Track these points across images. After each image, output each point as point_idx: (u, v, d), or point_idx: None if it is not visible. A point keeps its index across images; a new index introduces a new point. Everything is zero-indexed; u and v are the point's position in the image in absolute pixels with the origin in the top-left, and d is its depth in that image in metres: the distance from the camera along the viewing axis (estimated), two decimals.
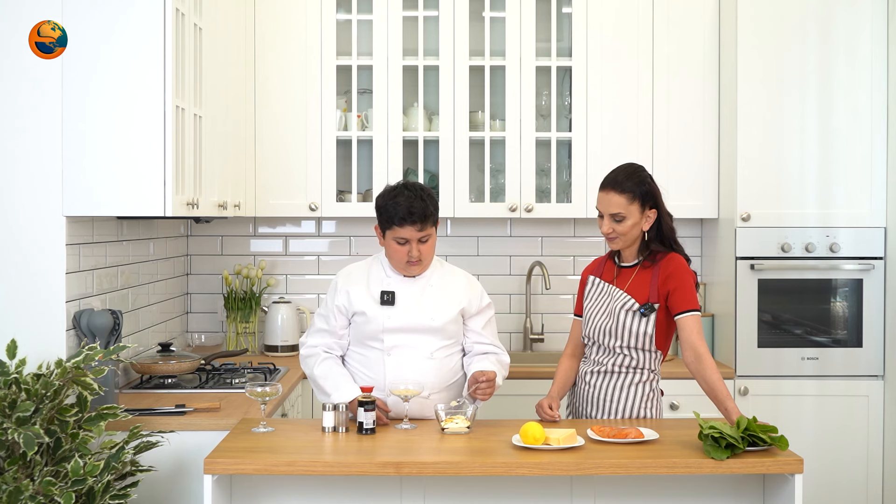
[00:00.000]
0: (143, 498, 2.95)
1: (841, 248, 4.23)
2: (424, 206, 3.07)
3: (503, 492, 2.80)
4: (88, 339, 3.13)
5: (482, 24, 4.48)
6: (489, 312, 3.29)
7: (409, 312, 3.16)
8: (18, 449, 2.60)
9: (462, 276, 3.30)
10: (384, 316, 3.14)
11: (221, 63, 3.77)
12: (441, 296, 3.19)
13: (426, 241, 3.12)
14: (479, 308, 3.26)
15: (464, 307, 3.21)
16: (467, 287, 3.26)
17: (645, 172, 3.13)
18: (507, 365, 3.28)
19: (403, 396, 2.95)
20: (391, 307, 3.16)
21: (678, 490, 2.81)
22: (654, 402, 3.15)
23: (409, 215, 3.05)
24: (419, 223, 3.07)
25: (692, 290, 3.06)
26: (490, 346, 3.27)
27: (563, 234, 4.75)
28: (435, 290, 3.20)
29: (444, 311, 3.17)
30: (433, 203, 3.12)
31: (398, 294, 3.17)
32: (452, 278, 3.26)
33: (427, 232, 3.10)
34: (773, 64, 4.21)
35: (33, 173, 3.03)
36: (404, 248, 3.11)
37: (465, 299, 3.22)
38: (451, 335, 3.20)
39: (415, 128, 4.46)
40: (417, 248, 3.10)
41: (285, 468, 2.63)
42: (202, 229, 4.68)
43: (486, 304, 3.28)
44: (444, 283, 3.22)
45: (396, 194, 3.10)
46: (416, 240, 3.09)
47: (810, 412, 4.22)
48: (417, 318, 3.15)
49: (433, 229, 3.13)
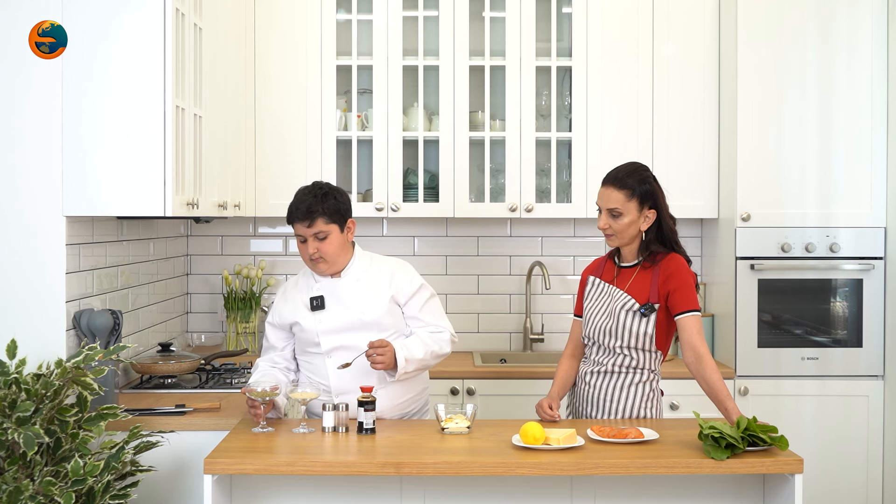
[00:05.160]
0: (143, 498, 2.95)
1: (841, 248, 4.23)
2: (311, 203, 3.10)
3: (503, 492, 2.80)
4: (88, 339, 3.13)
5: (482, 24, 4.48)
6: (423, 294, 3.25)
7: (339, 312, 3.18)
8: (18, 449, 2.60)
9: (390, 264, 3.28)
10: (316, 321, 3.18)
11: (221, 63, 3.77)
12: (367, 290, 3.20)
13: (323, 238, 3.13)
14: (412, 292, 3.23)
15: (392, 295, 3.20)
16: (393, 275, 3.23)
17: (648, 172, 3.13)
18: (445, 340, 3.23)
19: (301, 400, 2.97)
20: (322, 311, 3.18)
21: (678, 490, 2.81)
22: (654, 402, 3.15)
23: (295, 211, 3.12)
24: (307, 220, 3.10)
25: (692, 291, 3.06)
26: (432, 326, 3.24)
27: (563, 234, 4.75)
28: (362, 284, 3.21)
29: (373, 305, 3.17)
30: (328, 202, 3.12)
31: (327, 297, 3.19)
32: (378, 270, 3.25)
33: (318, 229, 3.11)
34: (774, 64, 4.21)
35: (33, 173, 3.03)
36: (305, 245, 3.15)
37: (393, 287, 3.21)
38: (389, 327, 3.19)
39: (415, 128, 4.46)
40: (315, 246, 3.13)
41: (285, 468, 2.64)
42: (202, 229, 4.68)
43: (417, 286, 3.24)
44: (370, 277, 3.23)
45: (297, 193, 3.17)
46: (311, 236, 3.12)
47: (810, 412, 4.22)
48: (348, 316, 3.16)
49: (330, 227, 3.12)
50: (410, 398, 3.27)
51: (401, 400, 3.23)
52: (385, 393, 3.18)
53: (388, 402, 3.19)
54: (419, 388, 3.32)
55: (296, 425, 2.97)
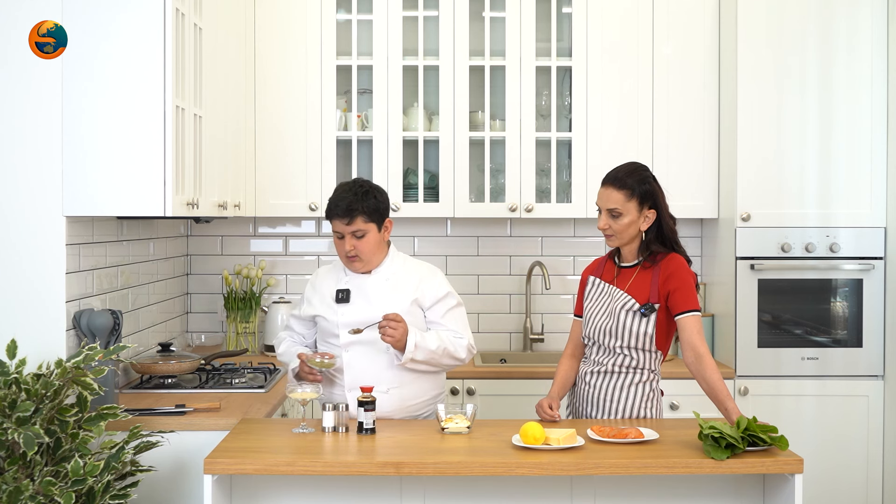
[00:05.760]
0: (143, 498, 2.95)
1: (841, 248, 4.23)
2: (351, 201, 3.12)
3: (503, 492, 2.80)
4: (88, 339, 3.13)
5: (482, 24, 4.48)
6: (449, 301, 3.25)
7: (361, 308, 3.20)
8: (18, 449, 2.60)
9: (421, 269, 3.29)
10: (338, 313, 3.21)
11: (221, 63, 3.77)
12: (393, 290, 3.21)
13: (361, 236, 3.15)
14: (437, 297, 3.23)
15: (417, 298, 3.20)
16: (422, 279, 3.24)
17: (648, 172, 3.13)
18: (462, 346, 3.21)
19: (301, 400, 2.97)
20: (345, 305, 3.21)
21: (678, 490, 2.81)
22: (654, 402, 3.15)
23: (335, 208, 3.14)
24: (346, 217, 3.12)
25: (692, 291, 3.06)
26: (453, 332, 3.23)
27: (563, 234, 4.75)
28: (389, 284, 3.22)
29: (395, 305, 3.18)
30: (368, 201, 3.14)
31: (353, 292, 3.22)
32: (408, 272, 3.26)
33: (357, 227, 3.13)
34: (774, 64, 4.21)
35: (33, 173, 3.03)
36: (342, 242, 3.18)
37: (418, 291, 3.21)
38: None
39: (415, 128, 4.46)
40: (351, 243, 3.15)
41: (285, 468, 2.64)
42: (202, 229, 4.68)
43: (444, 292, 3.24)
44: (399, 277, 3.24)
45: (337, 188, 3.20)
46: (349, 234, 3.14)
47: (810, 412, 4.22)
48: (369, 313, 3.17)
49: (368, 226, 3.15)
50: (423, 401, 3.26)
51: (413, 402, 3.22)
52: (398, 393, 3.18)
53: (400, 404, 3.19)
54: (434, 393, 3.30)
55: (296, 425, 2.97)
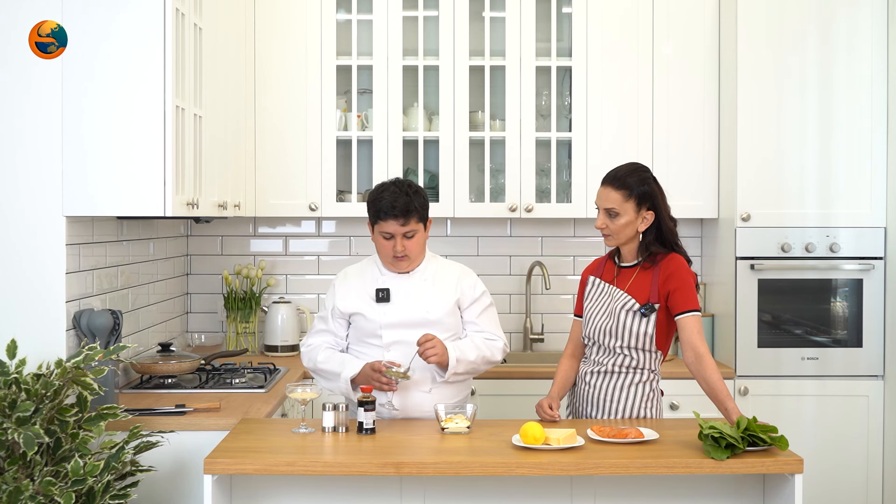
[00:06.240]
0: (143, 498, 2.95)
1: (841, 248, 4.23)
2: (408, 202, 3.11)
3: (503, 492, 2.80)
4: (88, 339, 3.13)
5: (482, 24, 4.48)
6: (484, 301, 3.29)
7: (405, 307, 3.19)
8: (18, 449, 2.60)
9: (455, 268, 3.32)
10: (380, 313, 3.19)
11: (221, 63, 3.77)
12: (435, 289, 3.23)
13: (411, 236, 3.15)
14: (473, 298, 3.27)
15: (458, 298, 3.24)
16: (460, 278, 3.28)
17: (648, 173, 3.12)
18: (498, 348, 3.25)
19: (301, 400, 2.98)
20: (387, 304, 3.20)
21: (678, 490, 2.81)
22: (654, 402, 3.15)
23: (392, 209, 3.11)
24: (402, 217, 3.11)
25: (692, 291, 3.06)
26: (487, 333, 3.27)
27: (563, 234, 4.75)
28: (429, 283, 3.23)
29: (439, 304, 3.20)
30: (419, 199, 3.15)
31: (393, 290, 3.21)
32: (446, 272, 3.28)
33: (411, 227, 3.14)
34: (774, 64, 4.21)
35: (33, 173, 3.03)
36: (390, 242, 3.16)
37: (459, 291, 3.25)
38: (449, 328, 3.21)
39: (415, 128, 4.46)
40: (402, 243, 3.15)
41: (285, 468, 2.64)
42: (202, 229, 4.68)
43: (480, 292, 3.29)
44: (438, 277, 3.25)
45: (383, 189, 3.16)
46: (401, 234, 3.14)
47: (810, 412, 4.22)
48: (414, 313, 3.18)
49: (419, 225, 3.16)
50: (460, 400, 3.25)
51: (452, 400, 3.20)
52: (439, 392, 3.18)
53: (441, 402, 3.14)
54: (469, 390, 3.34)
55: (296, 425, 2.97)
